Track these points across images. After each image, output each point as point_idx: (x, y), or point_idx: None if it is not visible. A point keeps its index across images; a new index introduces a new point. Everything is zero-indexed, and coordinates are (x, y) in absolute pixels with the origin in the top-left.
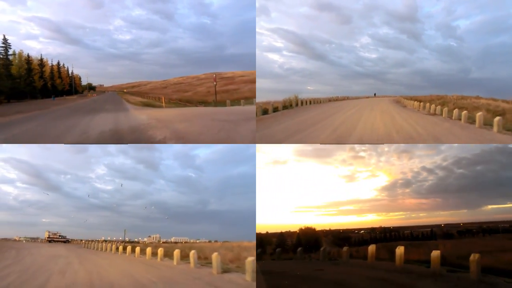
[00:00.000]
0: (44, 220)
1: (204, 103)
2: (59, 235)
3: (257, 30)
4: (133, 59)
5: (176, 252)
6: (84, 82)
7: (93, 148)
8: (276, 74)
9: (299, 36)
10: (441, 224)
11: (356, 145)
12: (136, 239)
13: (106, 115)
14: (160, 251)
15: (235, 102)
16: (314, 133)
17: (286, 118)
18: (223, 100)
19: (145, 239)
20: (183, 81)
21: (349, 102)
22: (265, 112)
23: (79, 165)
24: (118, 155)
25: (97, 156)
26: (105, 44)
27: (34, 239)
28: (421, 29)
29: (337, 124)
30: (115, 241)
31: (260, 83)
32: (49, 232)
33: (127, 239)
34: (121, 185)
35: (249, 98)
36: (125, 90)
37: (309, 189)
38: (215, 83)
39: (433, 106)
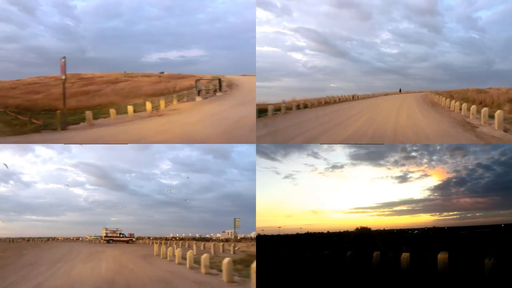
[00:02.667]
0: (112, 219)
1: (50, 112)
2: (120, 233)
3: (280, 30)
4: None
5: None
6: None
7: (157, 144)
8: (300, 73)
9: (320, 35)
10: (501, 224)
11: (407, 145)
12: (207, 235)
13: None
14: None
15: (99, 110)
16: None
17: None
18: (80, 107)
19: (219, 235)
20: (39, 81)
21: (348, 109)
22: None
23: (143, 163)
24: (183, 148)
25: (161, 151)
26: None
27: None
28: (441, 22)
29: None
30: (185, 238)
31: (285, 82)
32: (106, 229)
33: (197, 235)
34: (187, 178)
35: (117, 104)
36: None
37: (364, 191)
38: (63, 76)
39: None
